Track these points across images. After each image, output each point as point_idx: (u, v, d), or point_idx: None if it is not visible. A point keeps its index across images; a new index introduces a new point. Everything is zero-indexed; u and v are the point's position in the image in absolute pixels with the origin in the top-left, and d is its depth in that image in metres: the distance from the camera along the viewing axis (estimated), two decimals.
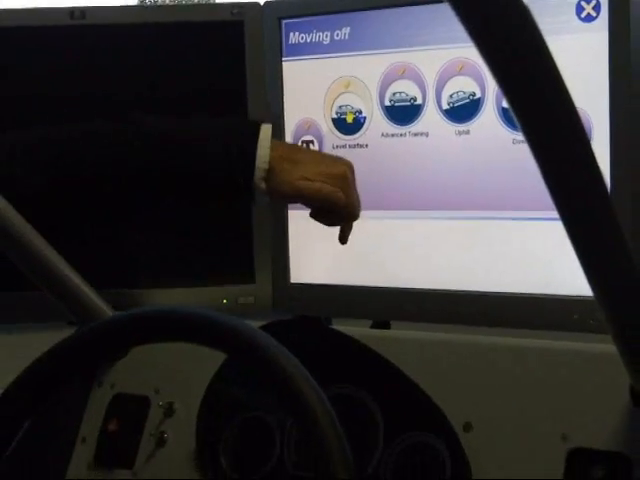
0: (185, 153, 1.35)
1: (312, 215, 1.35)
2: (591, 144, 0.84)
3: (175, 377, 1.49)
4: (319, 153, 1.40)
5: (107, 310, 1.44)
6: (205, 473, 1.39)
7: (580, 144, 0.82)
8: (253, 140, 1.32)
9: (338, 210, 1.31)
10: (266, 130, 1.34)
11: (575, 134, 0.81)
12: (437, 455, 1.27)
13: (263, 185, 1.31)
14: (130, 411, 1.49)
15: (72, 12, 1.61)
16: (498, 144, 1.38)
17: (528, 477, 1.20)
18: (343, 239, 1.38)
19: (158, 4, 1.59)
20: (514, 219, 1.38)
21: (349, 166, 1.33)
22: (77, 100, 1.65)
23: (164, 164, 1.36)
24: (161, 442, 1.44)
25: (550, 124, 0.80)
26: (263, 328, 1.29)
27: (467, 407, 1.28)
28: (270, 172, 1.30)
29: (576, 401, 1.20)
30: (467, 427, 1.26)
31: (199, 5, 1.60)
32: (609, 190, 1.31)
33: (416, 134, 1.46)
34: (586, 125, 1.33)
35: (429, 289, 1.48)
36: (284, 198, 1.36)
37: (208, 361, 1.39)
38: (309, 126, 1.58)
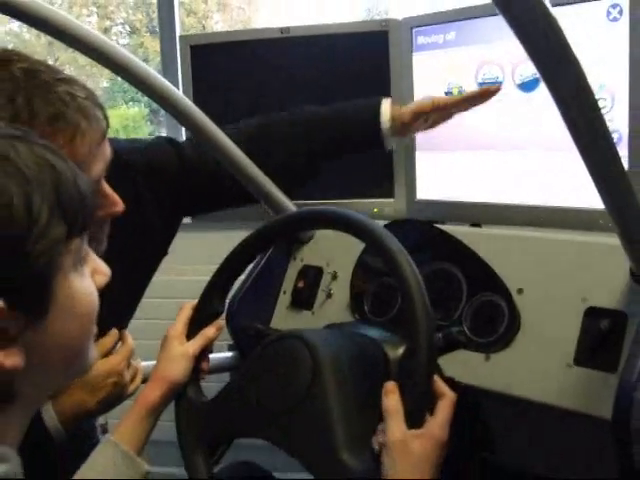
0: (347, 124, 1.40)
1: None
2: (598, 106, 0.82)
3: (338, 255, 1.49)
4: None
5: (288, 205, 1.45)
6: (354, 315, 1.40)
7: (591, 108, 0.82)
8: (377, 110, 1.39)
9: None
10: (386, 102, 1.38)
11: (586, 97, 0.81)
12: (499, 309, 1.25)
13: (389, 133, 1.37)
14: (311, 275, 1.51)
15: (281, 29, 1.63)
16: (552, 106, 1.35)
17: (558, 327, 1.17)
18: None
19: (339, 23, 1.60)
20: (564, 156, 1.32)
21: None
22: (283, 87, 1.68)
23: (341, 131, 1.40)
24: (329, 295, 1.46)
25: (568, 90, 0.80)
26: (387, 226, 1.29)
27: (520, 277, 1.24)
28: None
29: (594, 275, 1.16)
30: (520, 291, 1.23)
31: (361, 22, 1.59)
32: (628, 136, 1.27)
33: (499, 100, 1.39)
34: (610, 92, 1.28)
35: (505, 203, 1.45)
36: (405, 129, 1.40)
37: (358, 245, 1.35)
38: None
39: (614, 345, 1.09)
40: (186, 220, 1.52)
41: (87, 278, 0.73)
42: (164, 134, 2.42)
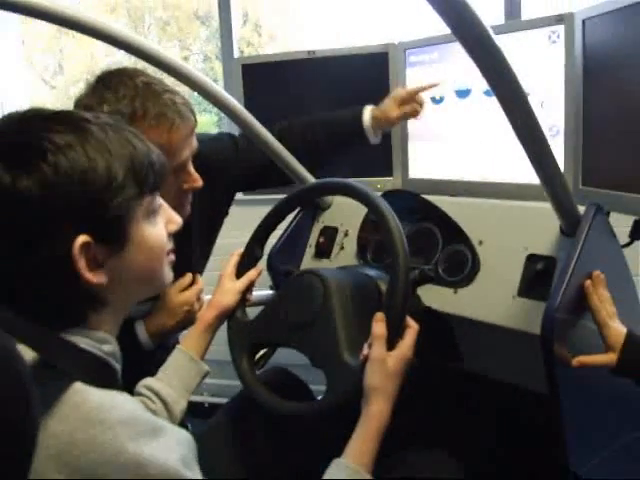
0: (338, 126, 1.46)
1: None
2: (531, 108, 0.86)
3: (349, 218, 1.48)
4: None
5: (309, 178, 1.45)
6: (359, 261, 1.41)
7: (525, 109, 0.87)
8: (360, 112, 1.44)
9: None
10: (368, 107, 1.43)
11: (522, 101, 0.86)
12: (465, 256, 1.25)
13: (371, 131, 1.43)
14: (329, 233, 1.50)
15: (308, 52, 1.63)
16: None
17: (506, 268, 1.18)
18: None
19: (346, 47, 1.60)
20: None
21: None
22: (310, 93, 1.68)
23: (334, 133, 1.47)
24: (342, 248, 1.46)
25: (508, 97, 0.85)
26: (383, 194, 1.28)
27: (481, 233, 1.25)
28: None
29: (533, 231, 1.18)
30: (480, 242, 1.24)
31: (367, 45, 1.59)
32: (563, 124, 1.29)
33: (470, 103, 1.44)
34: (551, 95, 1.30)
35: (473, 180, 1.47)
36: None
37: (363, 210, 1.33)
38: None
39: (546, 281, 1.11)
40: (239, 197, 1.58)
41: (158, 226, 0.78)
42: None
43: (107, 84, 1.12)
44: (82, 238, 0.67)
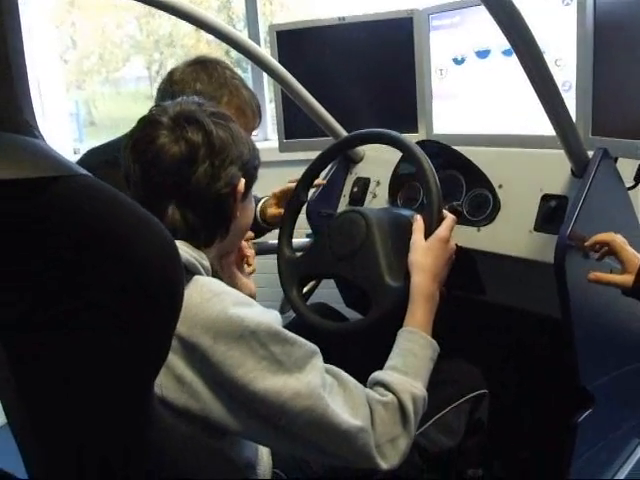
0: None
1: None
2: (546, 64, 0.97)
3: (380, 169, 1.57)
4: None
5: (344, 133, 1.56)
6: (390, 204, 1.52)
7: (541, 65, 0.99)
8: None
9: None
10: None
11: (538, 58, 0.97)
12: (487, 198, 1.36)
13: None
14: (361, 183, 1.61)
15: (339, 17, 1.70)
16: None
17: (524, 207, 1.27)
18: None
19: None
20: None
21: None
22: (342, 57, 1.74)
23: None
24: (374, 196, 1.57)
25: (528, 56, 0.95)
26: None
27: (501, 177, 1.35)
28: None
29: (548, 174, 1.27)
30: (500, 186, 1.34)
31: (394, 11, 1.67)
32: (575, 80, 1.34)
33: (489, 63, 1.50)
34: (565, 54, 1.35)
35: (494, 133, 1.53)
36: None
37: (393, 161, 1.49)
38: (443, 63, 1.61)
39: (558, 217, 1.21)
40: (276, 157, 1.76)
41: None
42: None
43: (204, 66, 1.34)
44: (243, 181, 0.92)
